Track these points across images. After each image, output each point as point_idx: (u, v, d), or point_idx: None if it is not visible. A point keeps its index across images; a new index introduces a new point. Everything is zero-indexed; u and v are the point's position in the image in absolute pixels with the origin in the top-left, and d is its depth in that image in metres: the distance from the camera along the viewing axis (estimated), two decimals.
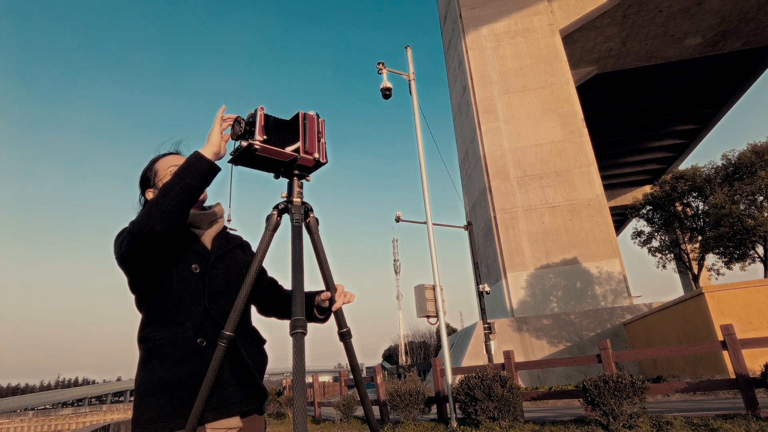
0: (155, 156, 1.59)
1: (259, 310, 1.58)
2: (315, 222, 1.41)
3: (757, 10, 27.40)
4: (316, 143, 1.37)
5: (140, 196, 1.57)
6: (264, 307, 1.57)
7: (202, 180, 1.28)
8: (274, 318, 1.60)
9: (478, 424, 6.84)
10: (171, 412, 1.22)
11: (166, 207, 1.22)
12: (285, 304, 1.56)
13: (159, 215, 1.22)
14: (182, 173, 1.26)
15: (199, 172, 1.27)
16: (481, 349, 16.67)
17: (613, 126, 36.06)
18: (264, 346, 1.48)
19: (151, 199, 1.28)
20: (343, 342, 1.37)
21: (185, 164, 1.28)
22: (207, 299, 1.34)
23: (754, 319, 11.35)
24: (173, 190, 1.24)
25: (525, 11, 24.85)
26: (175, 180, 1.25)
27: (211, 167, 1.29)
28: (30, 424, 42.05)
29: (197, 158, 1.29)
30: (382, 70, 9.20)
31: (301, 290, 1.21)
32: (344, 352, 1.39)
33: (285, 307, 1.56)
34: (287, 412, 13.51)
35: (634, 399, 5.75)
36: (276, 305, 1.57)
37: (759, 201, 15.49)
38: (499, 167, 22.54)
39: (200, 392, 1.19)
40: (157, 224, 1.22)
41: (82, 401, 75.71)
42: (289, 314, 1.31)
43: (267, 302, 1.56)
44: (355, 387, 1.64)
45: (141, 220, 1.24)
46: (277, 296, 1.58)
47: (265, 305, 1.56)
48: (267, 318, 1.60)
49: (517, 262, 21.01)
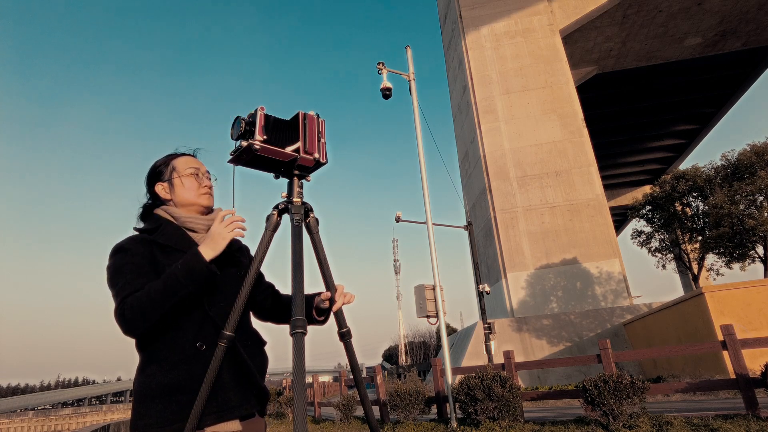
0: (172, 153, 1.57)
1: (256, 314, 1.56)
2: (315, 222, 1.41)
3: (757, 10, 27.39)
4: (316, 143, 1.37)
5: (147, 189, 1.54)
6: (261, 311, 1.56)
7: (200, 288, 1.27)
8: (270, 323, 1.59)
9: (478, 424, 6.84)
10: (169, 416, 1.21)
11: (162, 311, 1.22)
12: (283, 308, 1.55)
13: (155, 317, 1.22)
14: (185, 281, 1.24)
15: (199, 281, 1.26)
16: (481, 349, 16.67)
17: (613, 126, 36.05)
18: (264, 348, 1.47)
19: (149, 298, 1.22)
20: (343, 342, 1.37)
21: (187, 269, 1.25)
22: (206, 302, 1.33)
23: (754, 319, 11.34)
24: (174, 297, 1.23)
25: (525, 11, 24.84)
26: (177, 286, 1.23)
27: (211, 275, 1.28)
28: (30, 424, 42.04)
29: (199, 263, 1.26)
30: (382, 70, 9.20)
31: (301, 290, 1.21)
32: (344, 352, 1.39)
33: (282, 312, 1.55)
34: (287, 412, 13.51)
35: (634, 399, 5.75)
36: (273, 309, 1.55)
37: (759, 201, 15.49)
38: (499, 167, 22.53)
39: (200, 392, 1.19)
40: (149, 323, 1.22)
41: (82, 401, 75.71)
42: (285, 319, 1.29)
43: (264, 305, 1.55)
44: (355, 387, 1.63)
45: (134, 317, 1.21)
46: (276, 300, 1.56)
47: (262, 309, 1.55)
48: (263, 323, 1.60)
49: (517, 262, 21.01)
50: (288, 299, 1.55)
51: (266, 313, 1.56)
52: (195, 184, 1.49)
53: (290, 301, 1.25)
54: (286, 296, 1.58)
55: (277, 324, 1.57)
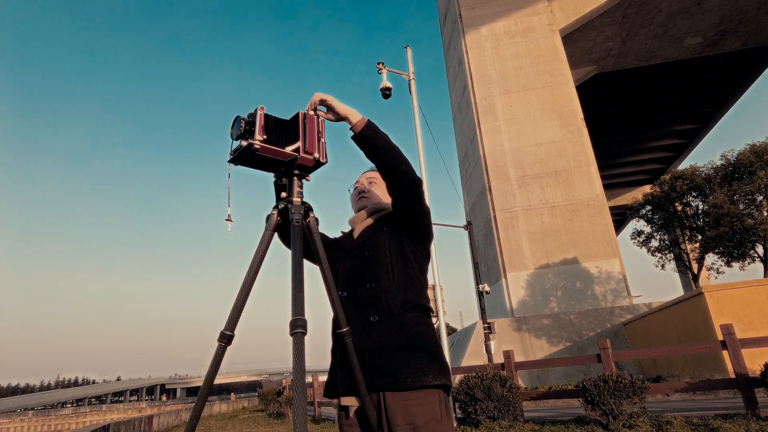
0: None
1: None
2: (315, 222, 1.41)
3: (756, 10, 27.40)
4: (316, 143, 1.36)
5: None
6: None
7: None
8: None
9: (477, 423, 6.84)
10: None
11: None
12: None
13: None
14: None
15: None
16: (481, 348, 16.67)
17: (613, 126, 36.06)
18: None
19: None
20: (343, 342, 1.37)
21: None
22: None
23: (754, 319, 11.35)
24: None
25: (525, 11, 24.84)
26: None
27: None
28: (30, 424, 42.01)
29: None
30: (382, 70, 9.19)
31: (302, 290, 1.21)
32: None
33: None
34: (287, 412, 13.51)
35: (634, 399, 5.75)
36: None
37: (758, 201, 15.51)
38: (498, 167, 22.53)
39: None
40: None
41: (82, 401, 75.76)
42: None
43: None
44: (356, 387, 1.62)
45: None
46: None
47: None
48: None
49: (516, 262, 21.00)
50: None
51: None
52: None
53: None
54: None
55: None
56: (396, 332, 1.36)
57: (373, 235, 1.54)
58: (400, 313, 1.39)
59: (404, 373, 1.30)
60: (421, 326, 1.40)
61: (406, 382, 1.28)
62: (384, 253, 1.48)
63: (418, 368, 1.31)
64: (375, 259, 1.48)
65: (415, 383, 1.28)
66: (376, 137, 1.43)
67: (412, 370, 1.30)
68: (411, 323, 1.39)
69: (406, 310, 1.40)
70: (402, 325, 1.38)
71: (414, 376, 1.29)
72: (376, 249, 1.49)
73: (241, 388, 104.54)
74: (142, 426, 10.91)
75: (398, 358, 1.32)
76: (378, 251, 1.49)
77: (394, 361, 1.32)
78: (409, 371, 1.30)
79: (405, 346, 1.34)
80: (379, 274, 1.44)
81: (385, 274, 1.44)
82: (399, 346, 1.34)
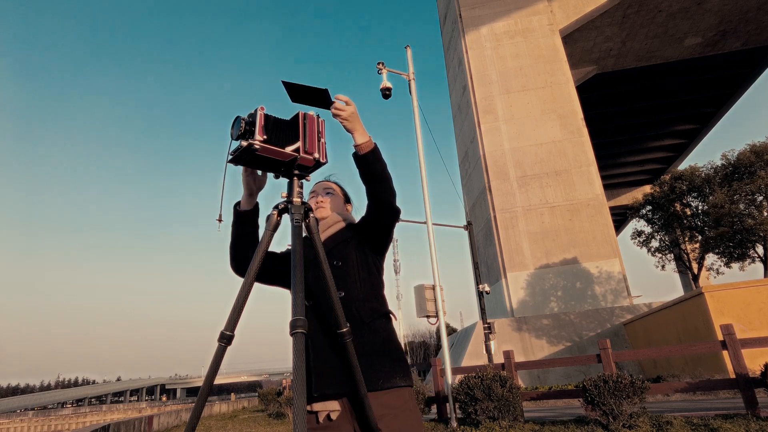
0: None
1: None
2: (315, 222, 1.41)
3: (756, 10, 27.39)
4: (316, 143, 1.37)
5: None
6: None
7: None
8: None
9: (478, 423, 6.83)
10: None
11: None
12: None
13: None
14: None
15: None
16: (481, 348, 16.66)
17: (613, 126, 36.04)
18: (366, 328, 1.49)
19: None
20: (343, 342, 1.37)
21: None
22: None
23: (754, 319, 11.34)
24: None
25: (525, 11, 24.83)
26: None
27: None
28: (30, 424, 42.00)
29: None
30: (382, 70, 9.19)
31: (301, 290, 1.21)
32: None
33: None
34: (287, 412, 13.50)
35: (634, 399, 5.75)
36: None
37: (758, 201, 15.50)
38: (498, 167, 22.52)
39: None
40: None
41: (82, 401, 75.76)
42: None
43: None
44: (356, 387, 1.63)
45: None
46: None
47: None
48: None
49: (517, 262, 21.00)
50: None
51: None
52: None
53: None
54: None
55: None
56: (368, 339, 1.45)
57: (340, 244, 1.60)
58: (370, 321, 1.48)
59: (375, 377, 1.40)
60: (389, 332, 1.52)
61: (378, 384, 1.39)
62: (352, 264, 1.55)
63: (387, 372, 1.42)
64: (343, 269, 1.53)
65: (385, 385, 1.40)
66: (377, 163, 1.48)
67: (382, 374, 1.41)
68: (380, 330, 1.49)
69: (375, 318, 1.49)
70: (372, 332, 1.47)
71: (384, 379, 1.41)
72: (345, 259, 1.56)
73: (241, 389, 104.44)
74: (142, 426, 10.91)
75: (370, 363, 1.41)
76: (347, 261, 1.55)
77: (368, 365, 1.40)
78: (378, 375, 1.41)
79: (376, 351, 1.45)
80: (347, 284, 1.51)
81: (353, 283, 1.52)
82: (370, 352, 1.43)
